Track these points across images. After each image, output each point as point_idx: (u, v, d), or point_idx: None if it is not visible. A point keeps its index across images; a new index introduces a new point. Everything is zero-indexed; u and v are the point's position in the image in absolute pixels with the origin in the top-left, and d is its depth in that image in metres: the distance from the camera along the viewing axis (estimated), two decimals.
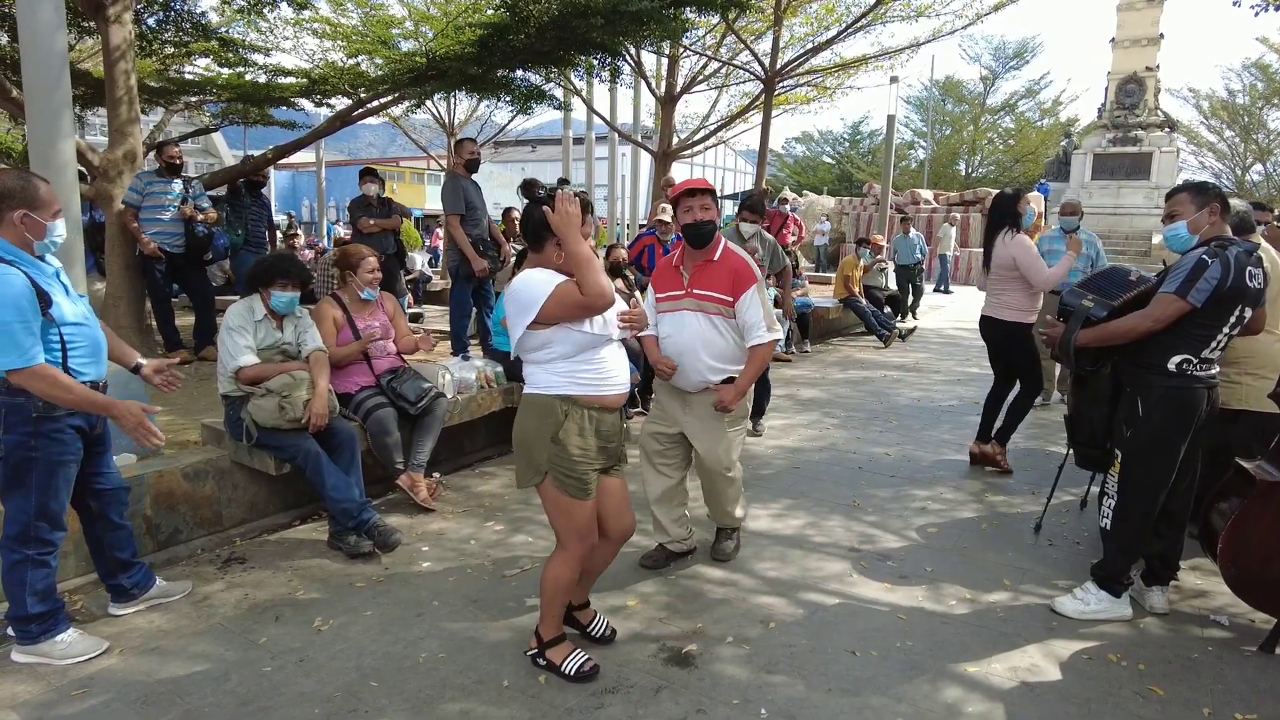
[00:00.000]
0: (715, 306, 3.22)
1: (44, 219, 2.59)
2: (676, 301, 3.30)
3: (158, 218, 5.94)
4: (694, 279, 3.26)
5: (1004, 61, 37.65)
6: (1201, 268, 2.84)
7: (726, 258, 3.25)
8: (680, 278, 3.31)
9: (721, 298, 3.21)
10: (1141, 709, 2.55)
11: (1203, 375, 2.96)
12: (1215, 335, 2.92)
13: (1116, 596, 3.11)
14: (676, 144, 14.07)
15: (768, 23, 12.08)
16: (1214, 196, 3.00)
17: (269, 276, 3.67)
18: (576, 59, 7.45)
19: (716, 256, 3.25)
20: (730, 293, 3.20)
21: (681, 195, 3.22)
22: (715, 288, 3.22)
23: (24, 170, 2.75)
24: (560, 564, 2.62)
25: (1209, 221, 2.98)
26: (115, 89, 5.80)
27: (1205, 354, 2.94)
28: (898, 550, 3.76)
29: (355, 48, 8.46)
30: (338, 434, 3.75)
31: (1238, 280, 2.83)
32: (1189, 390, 2.95)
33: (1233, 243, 2.91)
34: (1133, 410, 3.05)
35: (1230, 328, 2.93)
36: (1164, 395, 2.97)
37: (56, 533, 2.69)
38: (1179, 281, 2.87)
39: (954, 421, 6.18)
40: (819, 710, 2.51)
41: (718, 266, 3.24)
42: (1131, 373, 3.07)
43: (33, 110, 3.83)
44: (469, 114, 16.09)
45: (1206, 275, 2.82)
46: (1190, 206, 3.01)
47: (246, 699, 2.52)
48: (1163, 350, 2.95)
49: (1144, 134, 21.95)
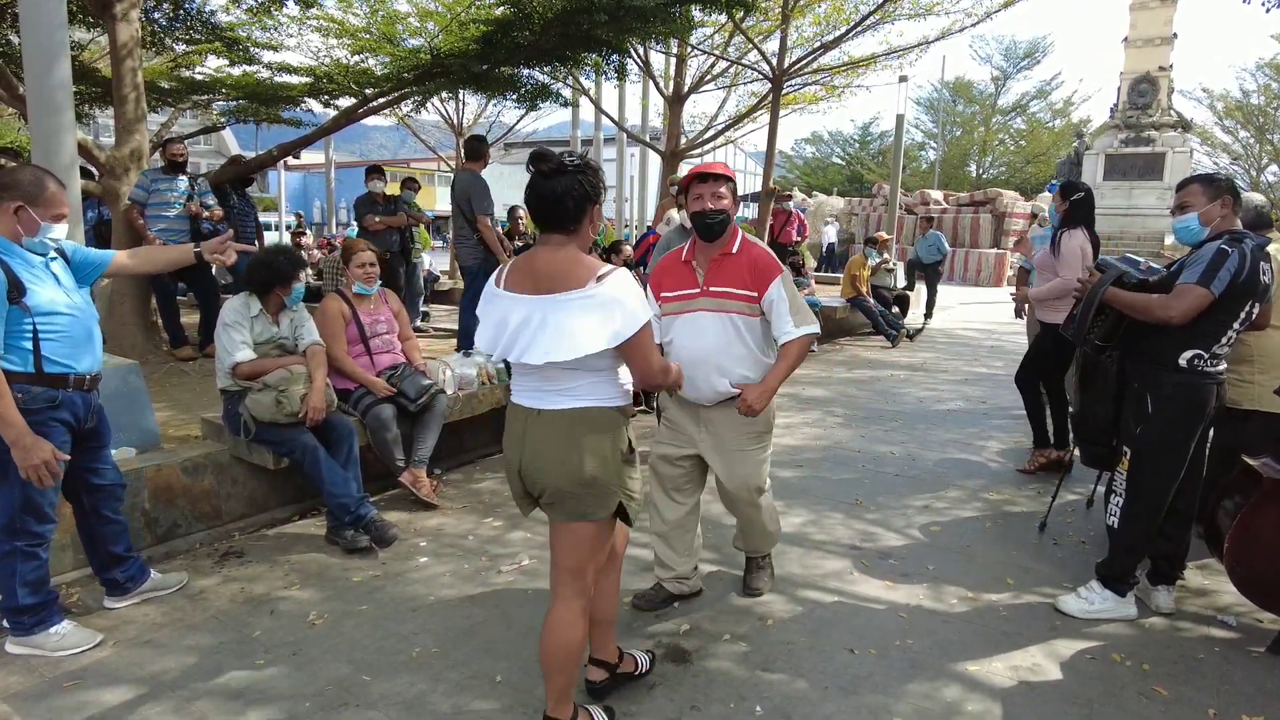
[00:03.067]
0: (737, 304, 2.81)
1: (41, 218, 2.58)
2: (689, 302, 2.85)
3: (163, 215, 5.95)
4: (711, 275, 2.84)
5: (1015, 62, 37.46)
6: (1222, 257, 2.78)
7: (746, 250, 2.86)
8: (694, 275, 2.88)
9: (744, 294, 2.81)
10: (1145, 709, 2.50)
11: (1212, 371, 2.91)
12: (1227, 330, 2.87)
13: (1121, 596, 3.06)
14: (684, 144, 14.03)
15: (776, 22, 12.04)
16: (1226, 188, 2.93)
17: (285, 278, 3.67)
18: (582, 56, 7.44)
19: (735, 249, 2.85)
20: (753, 287, 2.80)
21: (693, 181, 2.83)
22: (736, 283, 2.82)
23: (43, 169, 2.73)
24: (581, 619, 2.16)
25: (1221, 214, 2.92)
26: (122, 86, 5.83)
27: (1216, 349, 2.89)
28: (899, 548, 3.72)
29: (360, 45, 8.47)
30: (336, 429, 3.74)
31: (1252, 273, 2.78)
32: (1199, 387, 2.90)
33: (1246, 236, 2.86)
34: (1141, 407, 2.99)
35: (1240, 323, 2.89)
36: (1174, 392, 2.91)
37: (43, 525, 2.68)
38: (1200, 271, 2.79)
39: (959, 421, 6.13)
40: (815, 708, 2.48)
41: (737, 259, 2.84)
42: (1140, 369, 3.01)
43: (34, 104, 3.84)
44: (477, 114, 16.11)
45: (1227, 265, 2.77)
46: (1202, 198, 2.94)
47: (239, 692, 2.51)
48: (1175, 345, 2.89)
49: (1157, 134, 21.75)
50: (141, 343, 5.98)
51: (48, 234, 2.62)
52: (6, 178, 2.58)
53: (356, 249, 4.20)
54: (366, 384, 4.05)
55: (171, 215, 5.98)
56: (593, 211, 2.09)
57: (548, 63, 7.41)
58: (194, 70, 10.09)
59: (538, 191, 2.05)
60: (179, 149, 6.21)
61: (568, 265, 2.03)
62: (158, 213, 5.94)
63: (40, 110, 3.84)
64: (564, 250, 2.06)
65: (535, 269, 2.07)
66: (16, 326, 2.53)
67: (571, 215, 2.05)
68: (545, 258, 2.06)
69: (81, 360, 2.68)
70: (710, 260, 2.86)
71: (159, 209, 5.94)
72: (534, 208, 2.08)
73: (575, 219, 2.06)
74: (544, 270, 2.05)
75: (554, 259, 2.05)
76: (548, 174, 2.03)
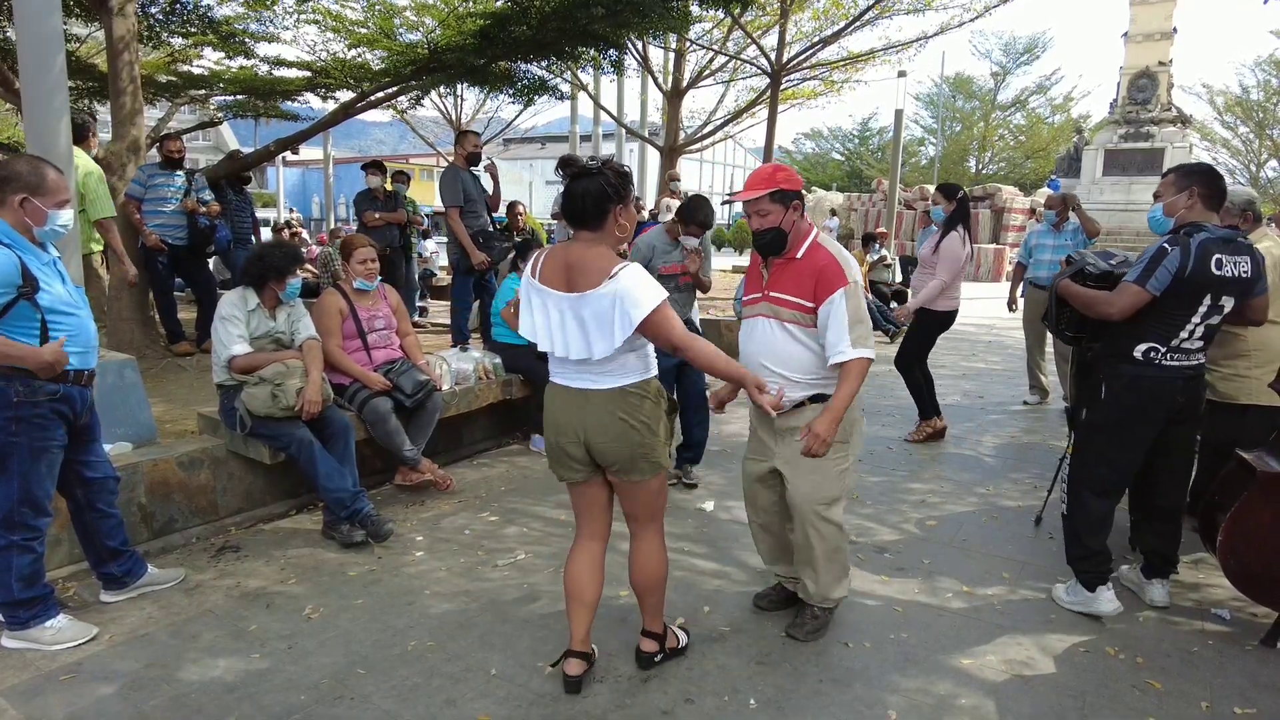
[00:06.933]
0: (790, 312, 2.68)
1: (46, 206, 2.59)
2: (754, 305, 2.83)
3: (160, 210, 5.94)
4: (772, 279, 2.77)
5: (1014, 57, 37.37)
6: (1161, 256, 2.76)
7: (812, 255, 2.69)
8: (760, 278, 2.84)
9: (799, 302, 2.66)
10: (1138, 702, 2.51)
11: (1174, 365, 2.87)
12: (1184, 324, 2.83)
13: (1090, 590, 3.03)
14: (683, 139, 14.02)
15: (774, 17, 12.02)
16: (1198, 179, 2.86)
17: (281, 272, 3.67)
18: (580, 51, 7.42)
19: (800, 254, 2.71)
20: (811, 297, 2.64)
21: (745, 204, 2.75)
22: (793, 290, 2.68)
23: (38, 158, 2.73)
24: (661, 550, 2.56)
25: (1185, 205, 2.87)
26: (119, 80, 5.81)
27: (1177, 344, 2.85)
28: (894, 543, 3.72)
29: (357, 39, 8.45)
30: (332, 423, 3.74)
31: (1199, 268, 2.72)
32: (1155, 379, 2.88)
33: (1202, 229, 2.80)
34: (1095, 393, 3.03)
35: (1204, 317, 2.82)
36: (1129, 383, 2.92)
37: (41, 519, 2.68)
38: (1139, 270, 2.80)
39: (956, 415, 6.12)
40: (809, 701, 2.48)
41: (800, 265, 2.69)
42: (1103, 359, 3.03)
43: (28, 94, 3.83)
44: (475, 110, 16.09)
45: (1165, 263, 2.74)
46: (1171, 189, 2.92)
47: (234, 685, 2.52)
48: (1130, 338, 2.90)
49: (1156, 130, 21.72)
50: (139, 338, 5.97)
51: (56, 221, 2.63)
52: (4, 171, 2.58)
53: (357, 245, 4.20)
54: (361, 379, 4.05)
55: (169, 211, 5.97)
56: (616, 210, 2.29)
57: (545, 57, 7.39)
58: (191, 64, 10.06)
59: (567, 193, 2.29)
60: (176, 144, 6.19)
61: (591, 262, 2.25)
62: (155, 208, 5.92)
63: (35, 104, 3.83)
64: (591, 248, 2.28)
65: (568, 263, 2.29)
66: (26, 322, 2.54)
67: (595, 214, 2.27)
68: (577, 253, 2.28)
69: (83, 358, 2.70)
70: (775, 264, 2.79)
71: (156, 204, 5.93)
72: (564, 208, 2.31)
73: (599, 218, 2.28)
74: (575, 266, 2.27)
75: (583, 255, 2.27)
76: (574, 177, 2.28)
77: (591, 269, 2.24)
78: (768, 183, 2.67)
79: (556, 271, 2.31)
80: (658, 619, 2.62)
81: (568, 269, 2.28)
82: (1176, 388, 2.89)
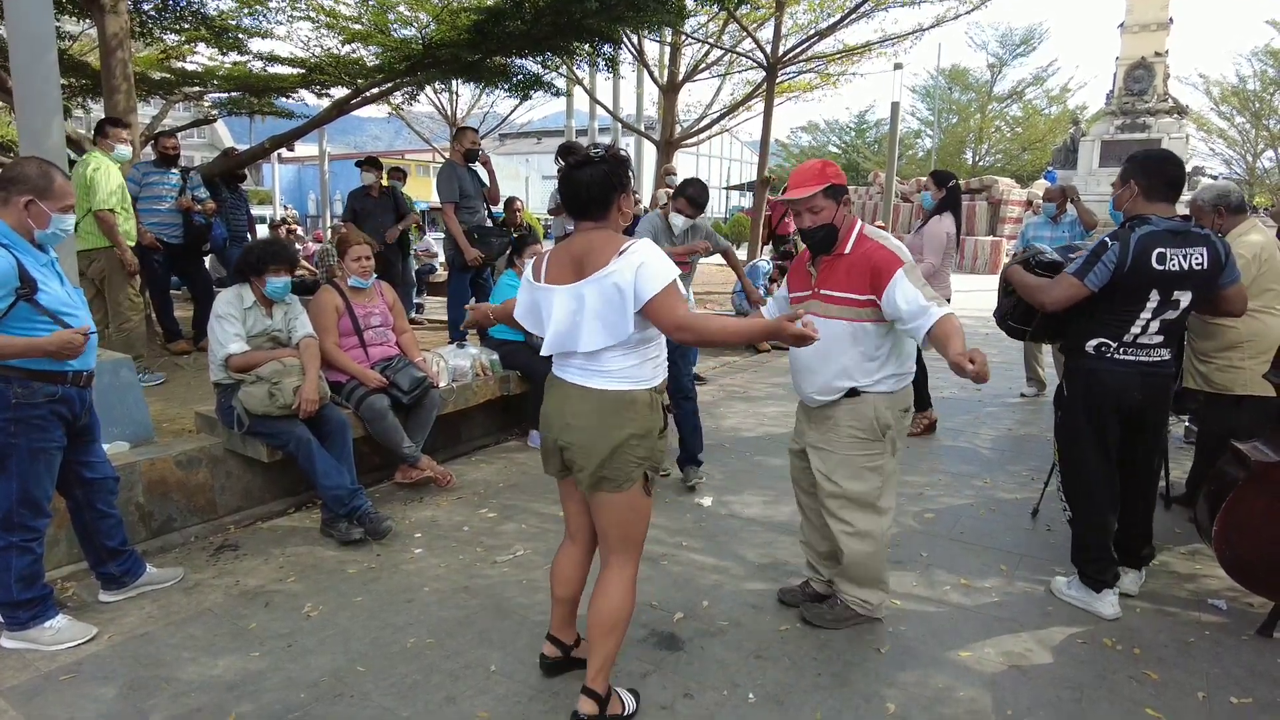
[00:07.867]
0: (842, 309, 2.64)
1: (51, 210, 2.59)
2: (802, 304, 2.75)
3: (155, 208, 5.92)
4: (822, 277, 2.71)
5: (1011, 49, 37.28)
6: (1101, 250, 2.75)
7: (861, 247, 2.65)
8: (808, 276, 2.78)
9: (855, 298, 2.62)
10: (1135, 693, 2.52)
11: (1128, 359, 2.85)
12: (1133, 320, 2.80)
13: (1096, 591, 3.02)
14: (679, 133, 14.00)
15: (770, 10, 11.99)
16: (1135, 171, 2.83)
17: (261, 264, 3.65)
18: (574, 46, 7.40)
19: (848, 249, 2.67)
20: (870, 290, 2.60)
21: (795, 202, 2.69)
22: (848, 286, 2.64)
23: (47, 161, 2.72)
24: (632, 587, 2.28)
25: (1129, 198, 2.86)
26: (112, 78, 5.80)
27: (1130, 339, 2.82)
28: (892, 536, 3.72)
29: (351, 34, 8.42)
30: (329, 421, 3.74)
31: (1138, 264, 2.70)
32: (1110, 374, 2.87)
33: (1146, 222, 2.76)
34: (1059, 392, 3.06)
35: (1155, 313, 2.78)
36: (1084, 378, 2.93)
37: (40, 519, 2.68)
38: (1079, 264, 2.80)
39: (952, 408, 6.13)
40: (807, 695, 2.49)
41: (850, 260, 2.65)
42: (1065, 356, 3.04)
43: (20, 92, 3.81)
44: (471, 105, 16.05)
45: (1104, 259, 2.73)
46: (1119, 181, 2.92)
47: (233, 684, 2.52)
48: (1082, 332, 2.91)
49: (1153, 120, 21.75)
50: None
51: (59, 225, 2.63)
52: (13, 172, 2.59)
53: (353, 242, 4.19)
54: (358, 376, 4.05)
55: (164, 209, 5.96)
56: (619, 199, 2.20)
57: (540, 52, 7.37)
58: (185, 61, 10.03)
59: (568, 182, 2.19)
60: (171, 142, 6.17)
61: (598, 245, 2.15)
62: (150, 206, 5.90)
63: (28, 102, 3.81)
64: (598, 234, 2.19)
65: (573, 255, 2.19)
66: (26, 323, 2.54)
67: (598, 202, 2.18)
68: (580, 243, 2.19)
69: (82, 358, 2.69)
70: (824, 261, 2.73)
71: (151, 203, 5.91)
72: (565, 198, 2.22)
73: (602, 206, 2.18)
74: (580, 255, 2.17)
75: (588, 242, 2.18)
76: (575, 166, 2.18)
77: (600, 252, 2.13)
78: (819, 179, 2.62)
79: (564, 268, 2.19)
80: (603, 676, 2.24)
81: (575, 260, 2.17)
82: (1133, 384, 2.86)
